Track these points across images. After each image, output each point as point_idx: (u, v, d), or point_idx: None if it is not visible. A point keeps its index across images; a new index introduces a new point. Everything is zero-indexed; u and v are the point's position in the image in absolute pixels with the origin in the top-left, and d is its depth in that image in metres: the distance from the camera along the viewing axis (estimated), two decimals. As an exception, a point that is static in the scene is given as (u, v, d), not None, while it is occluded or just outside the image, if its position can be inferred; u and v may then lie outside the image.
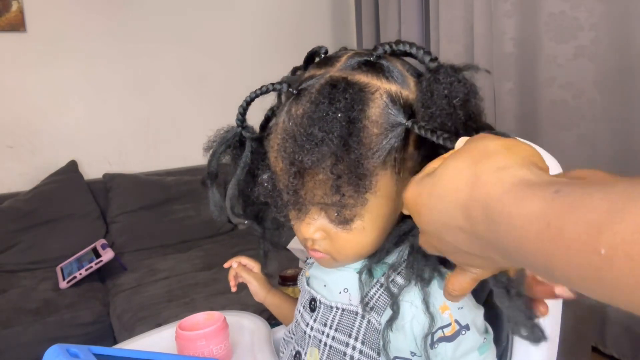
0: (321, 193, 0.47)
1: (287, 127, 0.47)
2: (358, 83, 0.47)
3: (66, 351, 0.57)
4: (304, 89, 0.48)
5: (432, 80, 0.46)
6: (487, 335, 0.55)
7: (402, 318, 0.53)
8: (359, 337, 0.55)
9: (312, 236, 0.53)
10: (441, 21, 2.31)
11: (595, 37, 1.70)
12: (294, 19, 2.83)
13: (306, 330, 0.61)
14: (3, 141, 2.30)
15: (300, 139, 0.45)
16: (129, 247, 2.22)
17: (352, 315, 0.57)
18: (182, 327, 0.78)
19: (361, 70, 0.48)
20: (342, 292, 0.59)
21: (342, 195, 0.46)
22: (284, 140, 0.47)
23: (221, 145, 0.57)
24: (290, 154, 0.46)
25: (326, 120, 0.44)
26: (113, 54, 2.45)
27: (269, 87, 0.52)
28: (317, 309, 0.61)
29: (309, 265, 0.66)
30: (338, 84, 0.46)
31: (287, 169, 0.47)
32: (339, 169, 0.45)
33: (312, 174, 0.46)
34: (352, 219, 0.50)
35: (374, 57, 0.49)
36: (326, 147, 0.44)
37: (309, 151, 0.44)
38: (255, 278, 0.80)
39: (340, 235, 0.52)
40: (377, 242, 0.54)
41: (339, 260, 0.55)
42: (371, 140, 0.46)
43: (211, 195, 0.59)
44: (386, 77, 0.48)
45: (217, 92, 2.62)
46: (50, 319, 1.70)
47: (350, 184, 0.45)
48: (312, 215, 0.52)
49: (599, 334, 1.82)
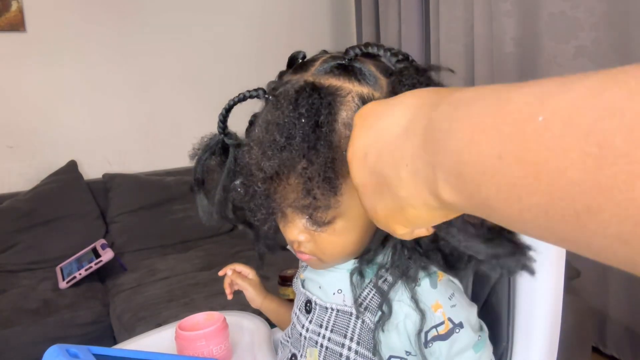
0: (293, 196, 0.48)
1: (255, 133, 0.48)
2: (329, 87, 0.47)
3: (66, 351, 0.57)
4: (279, 94, 0.48)
5: (396, 82, 0.47)
6: (482, 333, 0.55)
7: (395, 317, 0.53)
8: (354, 338, 0.56)
9: (297, 238, 0.54)
10: (441, 21, 2.31)
11: (595, 37, 1.70)
12: (294, 19, 2.83)
13: (302, 332, 0.62)
14: (3, 141, 2.29)
15: (265, 145, 0.45)
16: (129, 247, 2.22)
17: (347, 316, 0.57)
18: (182, 327, 0.78)
19: (333, 74, 0.49)
20: (336, 293, 0.59)
21: (314, 198, 0.46)
22: (250, 148, 0.47)
23: (205, 152, 0.58)
24: (255, 160, 0.46)
25: (288, 127, 0.44)
26: (113, 54, 2.45)
27: (246, 94, 0.53)
28: (312, 310, 0.61)
29: (304, 268, 0.67)
30: (304, 90, 0.46)
31: (255, 174, 0.47)
32: (309, 172, 0.45)
33: (285, 177, 0.46)
34: (330, 220, 0.50)
35: (346, 61, 0.50)
36: (287, 152, 0.44)
37: (270, 157, 0.45)
38: (250, 284, 0.81)
39: (323, 236, 0.52)
40: (361, 242, 0.54)
41: (325, 261, 0.56)
42: (344, 142, 0.46)
43: (199, 201, 0.59)
44: (358, 80, 0.49)
45: (217, 92, 2.60)
46: (50, 319, 1.70)
47: (320, 187, 0.45)
48: (294, 217, 0.53)
49: (599, 334, 1.82)
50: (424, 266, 0.54)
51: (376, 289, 0.55)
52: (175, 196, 2.36)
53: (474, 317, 0.55)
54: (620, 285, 1.74)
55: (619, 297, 1.75)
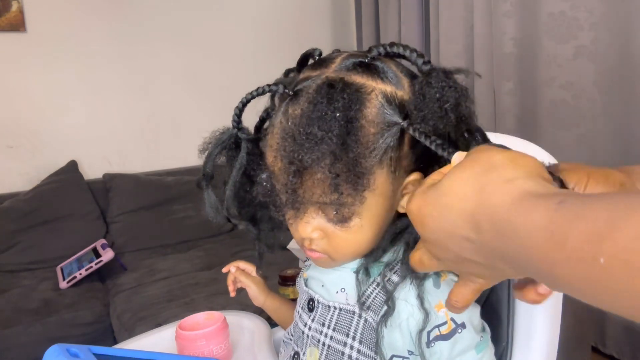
0: (320, 192, 0.48)
1: (286, 127, 0.47)
2: (354, 83, 0.47)
3: (66, 351, 0.57)
4: (300, 90, 0.49)
5: (424, 84, 0.47)
6: (484, 333, 0.55)
7: (399, 316, 0.53)
8: (357, 337, 0.56)
9: (310, 235, 0.53)
10: (441, 21, 2.31)
11: (595, 37, 1.70)
12: (294, 19, 2.83)
13: (304, 331, 0.61)
14: (3, 141, 2.30)
15: (300, 138, 0.45)
16: (129, 247, 2.22)
17: (350, 315, 0.57)
18: (182, 327, 0.78)
19: (356, 72, 0.49)
20: (340, 292, 0.59)
21: (341, 194, 0.46)
22: (284, 140, 0.47)
23: (217, 146, 0.57)
24: (289, 153, 0.46)
25: (325, 120, 0.45)
26: (113, 54, 2.45)
27: (265, 89, 0.52)
28: (315, 308, 0.61)
29: (307, 267, 0.67)
30: (336, 84, 0.46)
31: (286, 167, 0.47)
32: (337, 167, 0.45)
33: (311, 172, 0.46)
34: (351, 217, 0.50)
35: (368, 59, 0.50)
36: (325, 145, 0.45)
37: (308, 150, 0.45)
38: (253, 282, 0.80)
39: (338, 234, 0.52)
40: (374, 241, 0.54)
41: (336, 259, 0.55)
42: (368, 139, 0.47)
43: (207, 196, 0.59)
44: (381, 78, 0.49)
45: (217, 92, 2.62)
46: (50, 319, 1.70)
47: (348, 182, 0.46)
48: (310, 214, 0.52)
49: (599, 334, 1.82)
50: None
51: (381, 286, 0.55)
52: (175, 196, 2.36)
53: (477, 317, 0.55)
54: (620, 285, 1.74)
55: (619, 297, 1.74)
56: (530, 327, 0.62)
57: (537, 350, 0.61)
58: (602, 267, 0.23)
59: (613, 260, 0.22)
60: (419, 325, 0.52)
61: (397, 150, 0.49)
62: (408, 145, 0.50)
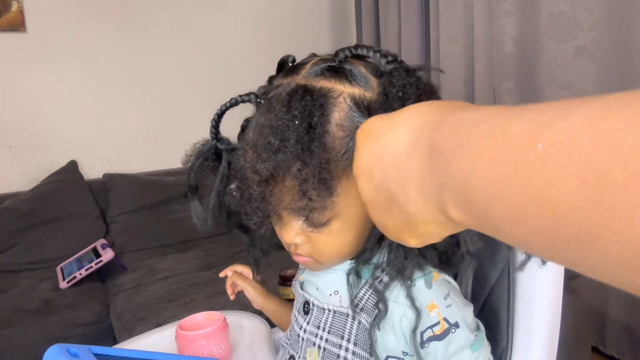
0: (289, 199, 0.48)
1: (249, 137, 0.48)
2: (320, 89, 0.48)
3: (66, 351, 0.57)
4: (271, 98, 0.49)
5: (386, 84, 0.47)
6: (479, 332, 0.55)
7: (391, 318, 0.53)
8: (351, 339, 0.56)
9: (293, 241, 0.54)
10: (441, 21, 2.31)
11: (595, 37, 1.70)
12: (294, 19, 2.83)
13: (300, 334, 0.62)
14: (3, 141, 2.30)
15: (260, 148, 0.46)
16: (129, 247, 2.22)
17: (344, 317, 0.57)
18: (182, 327, 0.78)
19: (324, 76, 0.49)
20: (333, 295, 0.59)
21: (309, 200, 0.46)
22: (244, 151, 0.48)
23: (198, 158, 0.57)
24: (250, 163, 0.47)
25: (282, 129, 0.45)
26: (113, 53, 2.45)
27: (238, 99, 0.53)
28: (310, 311, 0.62)
29: (302, 270, 0.67)
30: (296, 93, 0.46)
31: (251, 177, 0.47)
32: (304, 174, 0.45)
33: (280, 180, 0.47)
34: (326, 222, 0.51)
35: (336, 63, 0.50)
36: (282, 155, 0.44)
37: (265, 160, 0.45)
38: (251, 285, 0.81)
39: (319, 237, 0.53)
40: (358, 242, 0.54)
41: (322, 262, 0.56)
42: (337, 143, 0.47)
43: (193, 207, 0.60)
44: (349, 81, 0.49)
45: (217, 92, 2.61)
46: (50, 319, 1.70)
47: (315, 188, 0.45)
48: (290, 219, 0.53)
49: (599, 334, 1.82)
50: (419, 265, 0.54)
51: (372, 288, 0.55)
52: (175, 196, 2.36)
53: (470, 316, 0.55)
54: (620, 285, 1.74)
55: (619, 297, 1.75)
56: (530, 327, 0.62)
57: (537, 350, 0.61)
58: (538, 152, 0.21)
59: (552, 145, 0.21)
60: (412, 324, 0.52)
61: None
62: None
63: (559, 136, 0.21)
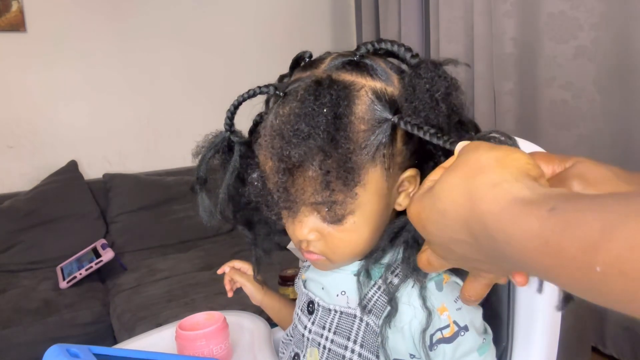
0: (311, 190, 0.48)
1: (275, 125, 0.48)
2: (343, 81, 0.48)
3: (66, 351, 0.57)
4: (290, 91, 0.49)
5: (413, 76, 0.47)
6: (487, 335, 0.55)
7: (401, 320, 0.53)
8: (358, 340, 0.55)
9: (306, 237, 0.53)
10: (441, 21, 2.31)
11: (595, 37, 1.70)
12: (294, 19, 2.83)
13: (304, 333, 0.61)
14: (3, 141, 2.30)
15: (288, 135, 0.45)
16: (129, 247, 2.22)
17: (351, 318, 0.57)
18: (182, 327, 0.78)
19: (345, 70, 0.49)
20: (340, 295, 0.59)
21: (332, 191, 0.46)
22: (272, 138, 0.47)
23: (210, 150, 0.56)
24: (278, 150, 0.46)
25: (312, 116, 0.45)
26: (113, 53, 2.45)
27: (256, 90, 0.52)
28: (315, 311, 0.61)
29: (305, 268, 0.67)
30: (323, 82, 0.47)
31: (276, 165, 0.47)
32: (327, 164, 0.45)
33: (302, 171, 0.46)
34: (344, 215, 0.50)
35: (357, 57, 0.50)
36: (313, 140, 0.44)
37: (295, 146, 0.45)
38: (249, 280, 0.81)
39: (334, 234, 0.52)
40: (372, 241, 0.54)
41: (334, 261, 0.55)
42: (359, 136, 0.47)
43: (200, 200, 0.58)
44: (370, 75, 0.49)
45: (217, 92, 2.62)
46: (50, 319, 1.70)
47: (339, 178, 0.45)
48: (304, 215, 0.52)
49: (599, 334, 1.82)
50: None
51: (382, 289, 0.54)
52: (175, 196, 2.36)
53: (479, 319, 0.55)
54: (620, 285, 1.74)
55: (619, 297, 1.74)
56: (530, 327, 0.62)
57: (537, 350, 0.61)
58: (599, 275, 0.23)
59: (609, 269, 0.23)
60: (422, 325, 0.52)
61: (389, 147, 0.49)
62: (401, 142, 0.50)
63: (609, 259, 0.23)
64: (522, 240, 0.28)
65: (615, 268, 0.22)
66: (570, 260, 0.25)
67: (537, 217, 0.27)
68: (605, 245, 0.23)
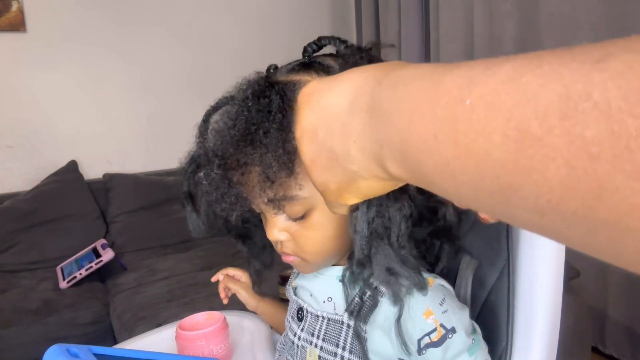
0: (258, 188, 0.48)
1: (215, 127, 0.51)
2: (288, 81, 0.49)
3: (66, 351, 0.57)
4: (235, 96, 0.51)
5: (342, 64, 0.50)
6: (476, 335, 0.55)
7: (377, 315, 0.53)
8: (347, 347, 0.55)
9: (277, 237, 0.54)
10: (441, 21, 2.31)
11: (595, 37, 1.70)
12: (294, 19, 2.83)
13: (294, 340, 0.61)
14: (3, 141, 2.30)
15: (220, 133, 0.48)
16: (129, 247, 2.22)
17: (338, 325, 0.57)
18: (182, 327, 0.78)
19: (294, 71, 0.51)
20: (327, 301, 0.59)
21: (278, 185, 0.47)
22: (215, 140, 0.49)
23: (189, 164, 0.57)
24: (219, 152, 0.48)
25: (239, 112, 0.47)
26: (113, 53, 2.46)
27: (219, 103, 0.55)
28: (304, 318, 0.61)
29: (295, 275, 0.67)
30: (255, 83, 0.49)
31: (212, 160, 0.49)
32: (265, 158, 0.45)
33: (247, 172, 0.48)
34: (304, 214, 0.51)
35: (306, 58, 0.52)
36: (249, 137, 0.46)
37: (232, 145, 0.47)
38: (242, 288, 0.81)
39: (301, 232, 0.53)
40: (339, 238, 0.54)
41: (308, 260, 0.56)
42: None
43: (188, 214, 0.59)
44: (317, 72, 0.51)
45: (217, 92, 2.60)
46: (50, 319, 1.70)
47: (280, 168, 0.45)
48: (272, 216, 0.53)
49: (598, 334, 1.82)
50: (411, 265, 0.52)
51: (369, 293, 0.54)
52: (175, 196, 2.35)
53: (467, 320, 0.54)
54: (619, 285, 1.74)
55: (619, 297, 1.75)
56: (530, 327, 0.62)
57: (537, 350, 0.61)
58: (466, 108, 0.22)
59: (478, 100, 0.22)
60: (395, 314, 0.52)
61: None
62: None
63: (484, 92, 0.22)
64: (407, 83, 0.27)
65: (485, 100, 0.22)
66: (443, 95, 0.24)
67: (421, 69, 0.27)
68: (483, 79, 0.22)
